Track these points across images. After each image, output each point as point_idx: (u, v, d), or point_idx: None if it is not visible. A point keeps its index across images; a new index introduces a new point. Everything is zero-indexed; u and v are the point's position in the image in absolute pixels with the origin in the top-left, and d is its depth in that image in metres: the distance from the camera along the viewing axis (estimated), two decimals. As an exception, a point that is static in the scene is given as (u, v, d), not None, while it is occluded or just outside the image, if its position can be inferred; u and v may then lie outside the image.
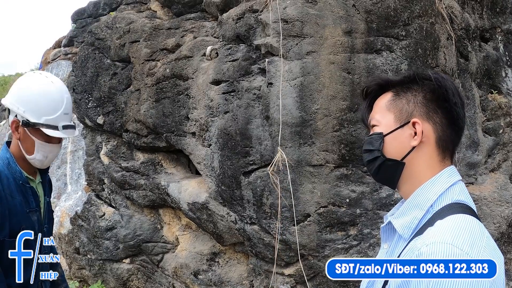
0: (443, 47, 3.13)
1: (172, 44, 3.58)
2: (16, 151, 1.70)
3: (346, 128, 2.73)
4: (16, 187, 1.64)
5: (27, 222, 1.66)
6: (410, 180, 1.03)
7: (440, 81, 1.02)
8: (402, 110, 1.04)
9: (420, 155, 1.01)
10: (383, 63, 2.84)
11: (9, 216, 1.58)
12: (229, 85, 3.01)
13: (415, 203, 1.00)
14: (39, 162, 1.72)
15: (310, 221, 2.75)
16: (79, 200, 3.96)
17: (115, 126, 3.75)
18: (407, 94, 1.04)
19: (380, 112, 1.08)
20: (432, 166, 1.01)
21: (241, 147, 2.88)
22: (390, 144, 1.04)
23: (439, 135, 1.01)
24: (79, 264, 3.94)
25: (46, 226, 1.81)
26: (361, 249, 2.78)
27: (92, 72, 3.99)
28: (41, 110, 1.63)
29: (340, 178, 2.75)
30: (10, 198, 1.60)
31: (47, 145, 1.68)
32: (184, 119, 3.27)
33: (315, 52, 2.78)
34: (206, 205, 3.10)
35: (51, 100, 1.67)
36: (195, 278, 3.37)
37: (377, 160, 1.05)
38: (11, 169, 1.66)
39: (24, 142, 1.67)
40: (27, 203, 1.68)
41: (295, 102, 2.73)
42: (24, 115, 1.63)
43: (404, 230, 0.99)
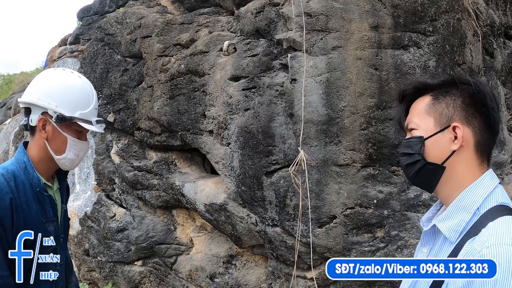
0: (469, 43, 3.03)
1: (186, 39, 3.46)
2: (36, 154, 1.56)
3: (373, 127, 2.62)
4: (32, 195, 1.51)
5: (43, 232, 1.53)
6: (449, 183, 1.04)
7: (479, 86, 1.03)
8: (442, 114, 1.04)
9: (459, 159, 1.02)
10: (411, 59, 2.74)
11: (24, 226, 1.46)
12: (249, 81, 2.90)
13: (461, 206, 1.00)
14: (69, 162, 1.59)
15: (336, 223, 2.65)
16: (88, 200, 3.84)
17: (126, 124, 3.62)
18: (446, 98, 1.04)
19: (419, 116, 1.07)
20: (471, 170, 1.02)
21: (263, 146, 2.77)
22: (431, 148, 1.04)
23: (477, 139, 1.01)
24: (88, 266, 3.81)
25: (62, 236, 1.67)
26: (388, 251, 2.68)
27: (101, 69, 3.87)
28: (75, 104, 1.54)
29: (367, 178, 2.65)
30: (26, 207, 1.48)
31: (78, 142, 1.57)
32: (200, 117, 3.16)
33: (341, 47, 2.67)
34: (225, 206, 2.99)
35: (84, 94, 1.57)
36: (211, 281, 3.26)
37: (417, 164, 1.05)
38: (28, 175, 1.52)
39: (53, 141, 1.54)
40: (44, 212, 1.55)
41: (321, 99, 2.62)
42: (57, 110, 1.51)
43: (451, 233, 0.99)
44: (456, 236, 0.98)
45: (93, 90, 1.64)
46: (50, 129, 1.53)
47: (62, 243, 1.66)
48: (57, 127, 1.52)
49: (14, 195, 1.44)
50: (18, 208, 1.44)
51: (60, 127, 1.53)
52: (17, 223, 1.43)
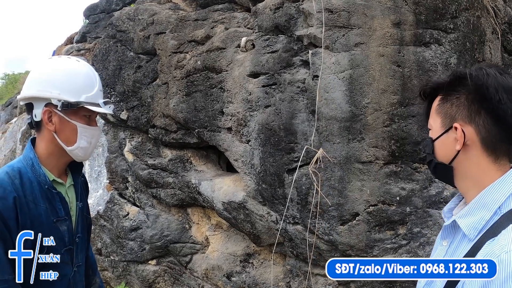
0: (488, 41, 3.03)
1: (201, 36, 3.43)
2: (44, 149, 1.48)
3: (396, 123, 2.61)
4: (41, 193, 1.43)
5: (55, 233, 1.44)
6: (464, 180, 1.05)
7: (481, 78, 0.98)
8: (447, 114, 1.05)
9: (467, 157, 1.02)
10: (433, 56, 2.73)
11: (31, 227, 1.38)
12: (270, 78, 2.87)
13: (482, 203, 0.99)
14: (83, 152, 1.50)
15: (359, 220, 2.63)
16: (100, 199, 3.79)
17: (140, 122, 3.59)
18: (451, 97, 1.04)
19: (432, 116, 1.10)
20: (484, 168, 1.01)
21: (285, 143, 2.75)
22: (439, 149, 1.07)
23: (483, 136, 0.99)
24: (101, 266, 3.77)
25: (79, 236, 1.57)
26: (411, 248, 2.66)
27: (114, 66, 3.82)
28: (79, 88, 1.46)
29: (389, 175, 2.63)
30: (33, 206, 1.40)
31: (89, 129, 1.49)
32: (218, 114, 3.13)
33: (364, 44, 2.65)
34: (244, 204, 2.96)
35: (86, 76, 1.49)
36: (227, 280, 3.23)
37: (431, 163, 1.10)
38: (35, 172, 1.44)
39: (62, 131, 1.46)
40: (55, 211, 1.46)
41: (344, 96, 2.60)
42: (61, 97, 1.42)
43: (470, 231, 0.99)
44: (475, 234, 0.97)
45: (95, 72, 1.56)
46: (57, 120, 1.45)
47: (79, 243, 1.57)
48: (64, 116, 1.44)
49: (19, 194, 1.37)
50: (23, 207, 1.36)
51: (67, 115, 1.45)
52: (22, 224, 1.36)
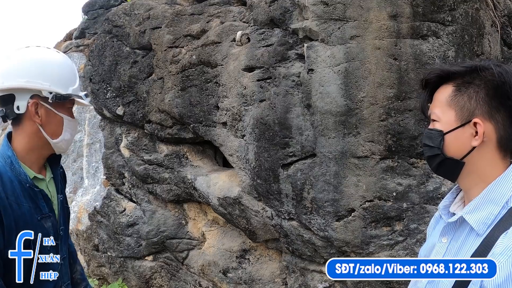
0: (487, 34, 2.97)
1: (197, 30, 3.39)
2: (24, 144, 1.44)
3: (393, 118, 2.57)
4: (22, 192, 1.40)
5: (40, 230, 1.44)
6: (470, 176, 1.02)
7: (504, 76, 0.97)
8: (464, 107, 1.00)
9: (480, 154, 1.00)
10: (430, 49, 2.68)
11: (16, 228, 1.36)
12: (265, 72, 2.84)
13: (490, 198, 0.98)
14: (66, 144, 1.52)
15: (354, 216, 2.60)
16: (97, 195, 3.78)
17: (136, 117, 3.56)
18: (468, 90, 1.00)
19: (441, 107, 1.04)
20: (494, 165, 1.00)
21: (280, 137, 2.71)
22: (450, 143, 1.02)
23: (500, 134, 0.98)
24: (98, 262, 3.76)
25: (62, 228, 1.58)
26: (407, 245, 2.63)
27: (110, 61, 3.80)
28: (66, 80, 1.47)
29: (386, 171, 2.59)
30: (17, 207, 1.37)
31: (72, 121, 1.51)
32: (213, 108, 3.10)
33: (360, 37, 2.61)
34: (239, 200, 2.93)
35: (71, 69, 1.50)
36: (224, 276, 3.21)
37: (437, 158, 1.04)
38: (14, 171, 1.40)
39: (48, 124, 1.45)
40: (38, 209, 1.45)
41: (340, 90, 2.56)
42: (52, 89, 1.41)
43: (479, 226, 0.97)
44: (484, 229, 0.96)
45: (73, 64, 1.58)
46: (43, 112, 1.43)
47: (63, 235, 1.58)
48: (51, 108, 1.43)
49: (1, 195, 1.33)
50: (7, 209, 1.34)
51: (55, 108, 1.45)
52: (8, 226, 1.34)
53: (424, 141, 1.08)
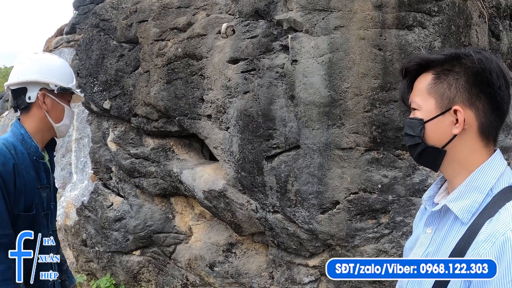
0: (475, 25, 2.94)
1: (183, 23, 3.36)
2: (34, 126, 1.76)
3: (378, 109, 2.54)
4: (30, 163, 1.69)
5: (38, 198, 1.71)
6: (453, 165, 1.01)
7: (484, 62, 0.95)
8: (444, 95, 0.98)
9: (462, 142, 0.98)
10: (416, 39, 2.65)
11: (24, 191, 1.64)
12: (249, 63, 2.80)
13: (473, 186, 0.96)
14: (65, 128, 1.85)
15: (339, 208, 2.57)
16: (85, 190, 3.75)
17: (123, 111, 3.53)
18: (448, 77, 0.99)
19: (421, 96, 1.03)
20: (476, 152, 0.98)
21: (264, 129, 2.68)
22: (431, 131, 1.00)
23: (481, 122, 0.96)
24: (86, 257, 3.74)
25: (52, 204, 1.86)
26: (393, 238, 2.60)
27: (97, 55, 3.76)
28: (67, 77, 1.81)
29: (371, 162, 2.56)
30: (26, 173, 1.66)
31: (70, 110, 1.85)
32: (198, 101, 3.07)
33: (344, 27, 2.57)
34: (224, 193, 2.91)
35: (69, 70, 1.86)
36: (210, 270, 3.18)
37: (418, 147, 1.03)
38: (25, 145, 1.71)
39: (53, 111, 1.78)
40: (39, 179, 1.73)
41: (323, 80, 2.53)
42: (57, 83, 1.76)
43: (464, 214, 0.95)
44: (469, 217, 0.94)
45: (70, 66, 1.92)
46: (49, 101, 1.77)
47: (53, 210, 1.87)
48: (55, 98, 1.77)
49: (16, 161, 1.62)
50: (19, 173, 1.62)
51: (59, 98, 1.78)
52: (19, 187, 1.60)
53: (405, 130, 1.06)
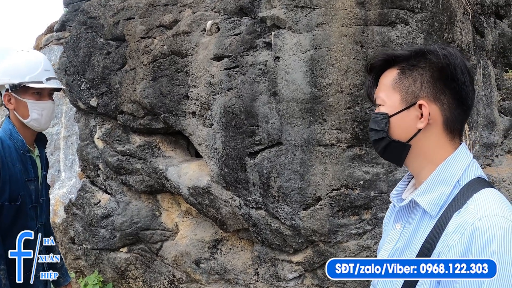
0: (459, 22, 2.95)
1: (170, 20, 3.36)
2: (16, 123, 1.82)
3: (359, 105, 2.55)
4: (16, 156, 1.75)
5: (25, 190, 1.76)
6: (418, 159, 1.01)
7: (449, 58, 0.96)
8: (408, 90, 0.99)
9: (427, 136, 0.98)
10: (398, 36, 2.65)
11: (10, 182, 1.69)
12: (232, 61, 2.81)
13: (440, 179, 0.97)
14: (36, 122, 1.82)
15: (321, 205, 2.58)
16: (73, 187, 3.76)
17: (109, 108, 3.53)
18: (413, 73, 0.99)
19: (386, 91, 1.03)
20: (441, 146, 0.99)
21: (246, 126, 2.69)
22: (396, 126, 1.01)
23: (446, 116, 0.97)
24: (74, 254, 3.74)
25: (43, 198, 1.90)
26: (376, 234, 2.62)
27: (84, 52, 3.76)
28: (23, 71, 1.78)
29: (353, 159, 2.57)
30: (11, 166, 1.71)
31: (38, 103, 1.81)
32: (183, 98, 3.07)
33: (326, 24, 2.58)
34: (208, 189, 2.91)
35: (29, 61, 1.82)
36: (196, 266, 3.19)
37: (383, 141, 1.03)
38: (12, 139, 1.78)
39: (18, 108, 1.79)
40: (26, 172, 1.78)
41: (305, 77, 2.54)
42: (11, 82, 1.77)
43: (431, 207, 0.95)
44: (437, 210, 0.95)
45: (41, 56, 1.88)
46: (13, 100, 1.81)
47: (43, 204, 1.92)
48: (15, 95, 1.78)
49: (1, 154, 1.69)
50: (5, 165, 1.69)
51: (19, 95, 1.78)
52: (3, 178, 1.67)
53: (370, 125, 1.07)
